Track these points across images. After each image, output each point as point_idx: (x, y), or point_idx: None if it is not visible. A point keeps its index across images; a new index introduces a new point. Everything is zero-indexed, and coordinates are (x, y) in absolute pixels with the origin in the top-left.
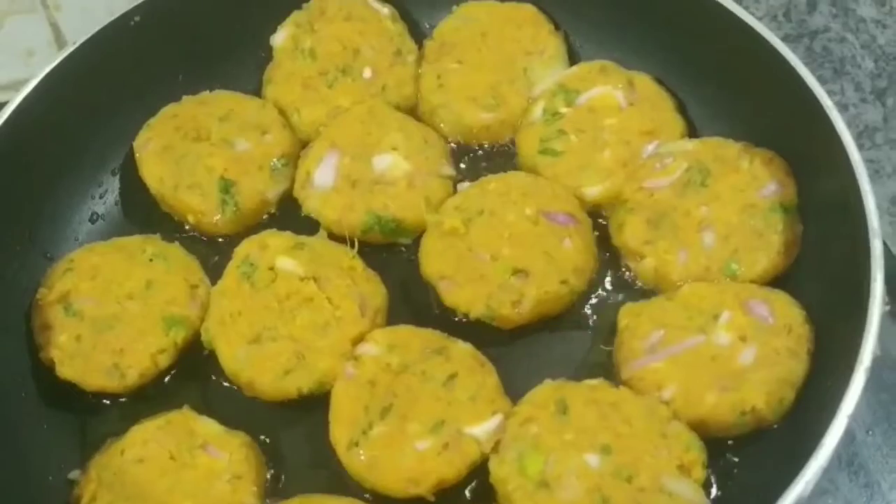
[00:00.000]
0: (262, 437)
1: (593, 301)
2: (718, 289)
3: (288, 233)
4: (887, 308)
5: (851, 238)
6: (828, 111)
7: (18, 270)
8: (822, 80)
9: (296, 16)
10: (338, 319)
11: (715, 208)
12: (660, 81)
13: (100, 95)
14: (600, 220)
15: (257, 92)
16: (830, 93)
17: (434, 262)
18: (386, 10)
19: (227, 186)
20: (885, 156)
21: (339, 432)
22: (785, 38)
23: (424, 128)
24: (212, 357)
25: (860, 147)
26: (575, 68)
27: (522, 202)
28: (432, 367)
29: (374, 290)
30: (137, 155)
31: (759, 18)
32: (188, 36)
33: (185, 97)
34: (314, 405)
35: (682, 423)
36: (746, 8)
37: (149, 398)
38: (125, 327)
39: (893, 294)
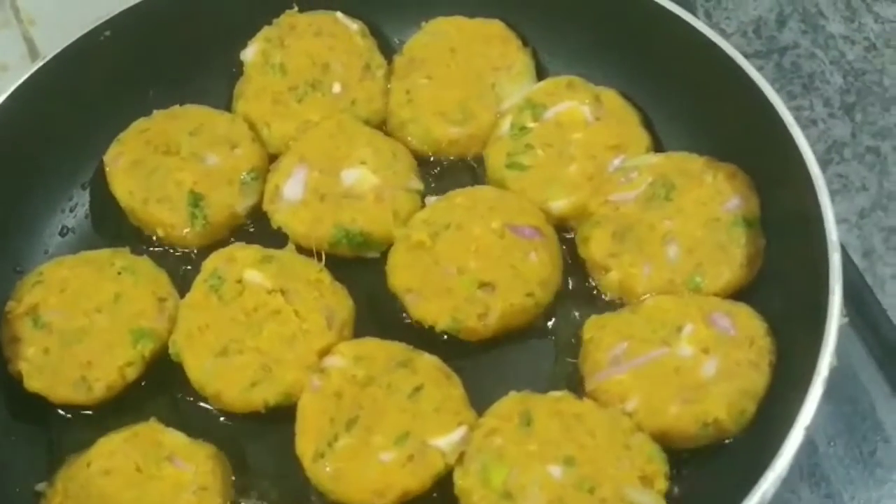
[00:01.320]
0: (229, 448)
1: (559, 314)
2: (682, 301)
3: (256, 246)
4: (846, 320)
5: (811, 251)
6: (789, 127)
7: None
8: (791, 96)
9: (266, 31)
10: (304, 332)
11: (679, 222)
12: (626, 97)
13: (70, 110)
14: (566, 234)
15: (228, 107)
16: (800, 108)
17: (401, 275)
18: (356, 25)
19: (196, 200)
20: (853, 170)
21: (305, 444)
22: (755, 55)
23: (393, 142)
24: (179, 369)
25: (829, 162)
26: (542, 84)
27: (489, 216)
28: (398, 379)
29: (341, 303)
30: (108, 169)
31: (730, 35)
32: (159, 51)
33: (155, 112)
34: (281, 417)
35: (644, 435)
36: (717, 24)
37: (116, 410)
38: (93, 340)
39: (854, 306)
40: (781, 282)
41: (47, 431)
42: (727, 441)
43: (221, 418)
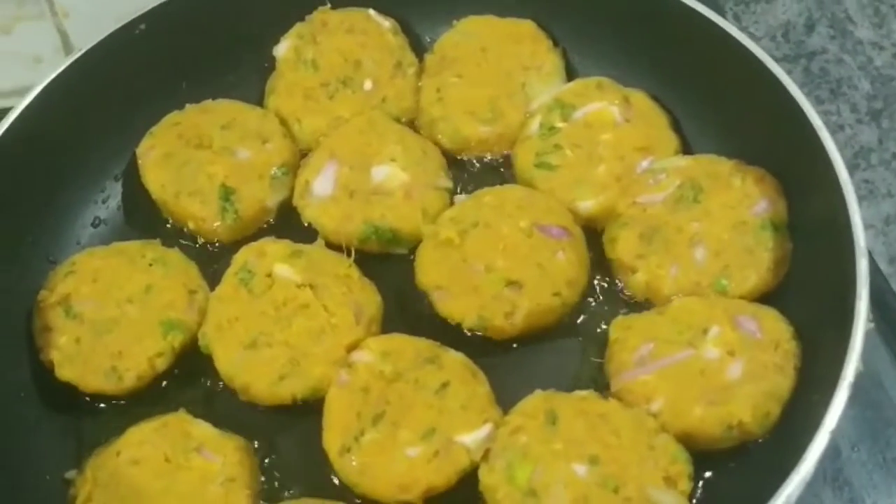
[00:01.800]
0: (257, 440)
1: (585, 314)
2: (708, 304)
3: (286, 240)
4: (871, 325)
5: (839, 256)
6: (818, 131)
7: (21, 273)
8: (818, 101)
9: (299, 27)
10: (333, 327)
11: (706, 224)
12: (655, 98)
13: (104, 102)
14: (594, 234)
15: (260, 101)
16: (827, 113)
17: (429, 272)
18: (387, 23)
19: (227, 194)
20: (879, 176)
21: (332, 438)
22: (783, 59)
23: (423, 140)
24: (208, 361)
25: (855, 167)
26: (572, 84)
27: (517, 215)
28: (425, 375)
29: (370, 299)
30: (140, 161)
31: (759, 39)
32: (193, 45)
33: (188, 105)
34: (309, 410)
35: (669, 436)
36: (746, 28)
37: (146, 401)
38: (124, 330)
39: (880, 312)
40: (808, 286)
41: (77, 420)
42: (751, 444)
43: (249, 410)
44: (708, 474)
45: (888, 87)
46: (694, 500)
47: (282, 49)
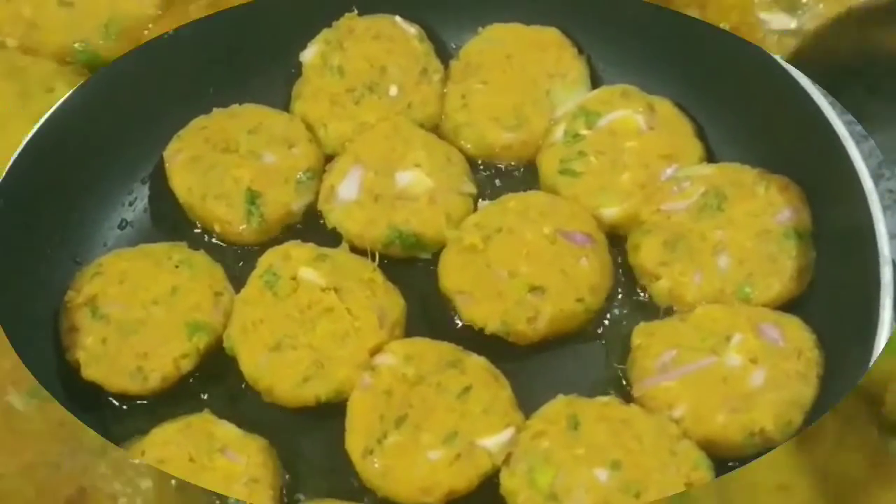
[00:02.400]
0: (280, 442)
1: (608, 320)
2: (731, 311)
3: (311, 244)
4: None
5: (862, 265)
6: (843, 140)
7: (48, 273)
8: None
9: (325, 33)
10: (357, 330)
11: (730, 232)
12: (680, 106)
13: (132, 106)
14: (617, 241)
15: (286, 106)
16: (851, 122)
17: (452, 276)
18: (413, 30)
19: (253, 197)
20: None
21: (355, 440)
22: None
23: (447, 146)
24: (233, 363)
25: (880, 177)
26: (597, 92)
27: (541, 221)
28: (447, 379)
29: (393, 303)
30: (167, 165)
31: None
32: (220, 50)
33: (215, 110)
34: (332, 413)
35: (691, 442)
36: None
37: (170, 401)
38: (150, 332)
39: None
40: (832, 295)
41: (102, 420)
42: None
43: (273, 412)
44: None
45: None
46: None
47: (308, 55)
